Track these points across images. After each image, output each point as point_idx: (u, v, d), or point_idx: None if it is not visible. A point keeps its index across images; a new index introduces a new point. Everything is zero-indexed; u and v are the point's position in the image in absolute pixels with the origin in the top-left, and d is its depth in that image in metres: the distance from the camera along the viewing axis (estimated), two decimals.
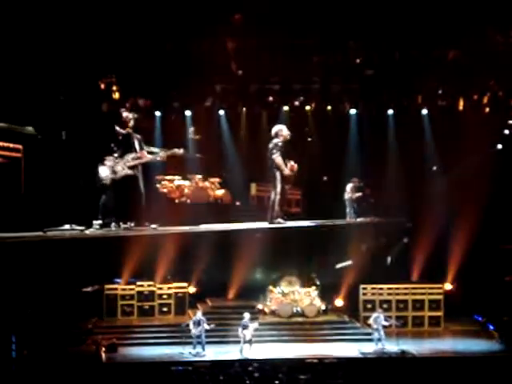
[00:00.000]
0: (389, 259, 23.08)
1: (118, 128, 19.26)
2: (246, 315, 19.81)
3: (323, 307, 22.28)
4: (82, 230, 20.94)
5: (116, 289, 21.91)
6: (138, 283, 22.04)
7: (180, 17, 21.56)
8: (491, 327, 21.57)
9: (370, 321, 20.15)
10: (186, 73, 22.78)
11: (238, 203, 23.87)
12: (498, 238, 23.86)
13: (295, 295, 22.37)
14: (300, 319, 21.88)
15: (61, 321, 19.63)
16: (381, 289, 22.27)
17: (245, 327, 19.49)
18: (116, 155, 18.46)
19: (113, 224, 20.23)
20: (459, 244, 23.52)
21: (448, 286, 23.11)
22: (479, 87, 24.18)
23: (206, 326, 19.39)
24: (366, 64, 23.86)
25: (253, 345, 19.43)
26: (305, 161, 22.69)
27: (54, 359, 17.54)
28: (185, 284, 22.31)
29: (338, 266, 23.14)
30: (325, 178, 25.58)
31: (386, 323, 19.99)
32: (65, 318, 19.79)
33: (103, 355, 18.84)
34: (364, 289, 22.25)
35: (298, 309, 22.07)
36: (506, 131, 24.80)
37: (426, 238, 23.39)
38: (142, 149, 18.82)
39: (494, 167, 24.17)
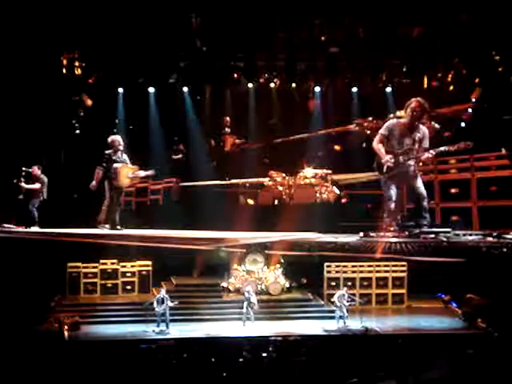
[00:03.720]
0: None
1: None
2: (249, 288, 20.10)
3: (287, 285, 22.25)
4: None
5: (79, 266, 21.70)
6: (102, 261, 21.85)
7: None
8: (454, 305, 21.70)
9: (334, 298, 20.15)
10: (149, 49, 22.65)
11: None
12: None
13: (260, 273, 22.31)
14: (264, 297, 21.83)
15: (22, 299, 19.41)
16: (345, 266, 22.25)
17: (247, 300, 19.74)
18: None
19: None
20: None
21: None
22: (443, 65, 24.27)
23: (170, 304, 19.31)
24: (331, 41, 23.84)
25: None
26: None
27: (15, 338, 17.32)
28: (148, 262, 22.10)
29: None
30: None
31: (347, 303, 19.95)
32: (26, 296, 19.57)
33: (66, 333, 18.66)
34: (328, 266, 22.23)
35: (263, 287, 22.02)
36: (469, 110, 24.84)
37: None
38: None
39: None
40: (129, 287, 22.00)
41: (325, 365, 16.55)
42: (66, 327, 18.89)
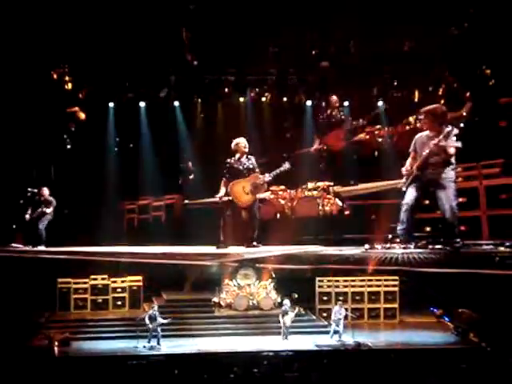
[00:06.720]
0: None
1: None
2: (286, 302, 19.86)
3: (279, 300, 22.12)
4: None
5: (69, 282, 21.57)
6: (92, 277, 21.71)
7: (135, 5, 21.42)
8: (447, 319, 21.61)
9: (332, 313, 20.01)
10: (139, 63, 22.64)
11: None
12: None
13: (251, 288, 22.17)
14: (256, 312, 21.71)
15: (11, 315, 19.29)
16: (337, 281, 22.14)
17: (285, 314, 19.55)
18: None
19: None
20: None
21: None
22: (434, 79, 24.30)
23: (162, 321, 19.12)
24: (322, 55, 23.88)
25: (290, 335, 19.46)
26: None
27: (4, 354, 17.18)
28: (139, 277, 21.97)
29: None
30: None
31: (349, 318, 19.87)
32: (15, 313, 19.45)
33: (56, 349, 18.49)
34: (320, 281, 22.12)
35: (254, 302, 21.88)
36: (461, 124, 24.80)
37: None
38: None
39: None
40: (119, 303, 21.83)
41: (317, 380, 16.46)
42: (56, 343, 18.70)
